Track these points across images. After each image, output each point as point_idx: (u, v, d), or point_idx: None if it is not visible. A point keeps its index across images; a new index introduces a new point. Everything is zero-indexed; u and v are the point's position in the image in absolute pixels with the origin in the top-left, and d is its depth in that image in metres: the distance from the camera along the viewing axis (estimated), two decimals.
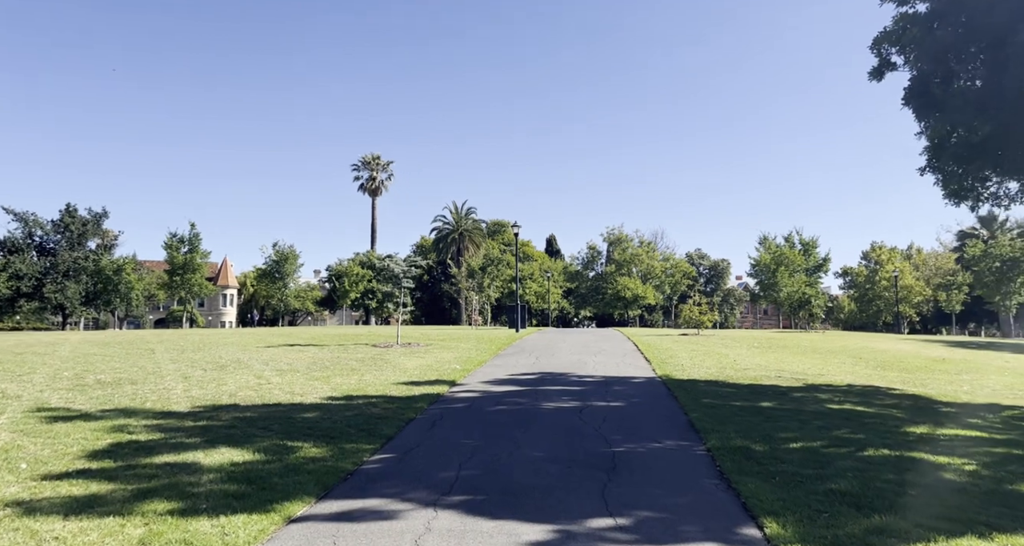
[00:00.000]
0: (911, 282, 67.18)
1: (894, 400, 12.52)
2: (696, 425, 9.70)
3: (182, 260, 52.64)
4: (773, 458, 7.80)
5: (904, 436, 9.21)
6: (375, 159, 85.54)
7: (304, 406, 10.76)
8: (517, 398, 12.06)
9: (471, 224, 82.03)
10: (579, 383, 13.94)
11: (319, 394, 11.83)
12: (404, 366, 16.06)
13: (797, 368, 16.91)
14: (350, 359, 17.33)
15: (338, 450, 8.00)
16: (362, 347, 20.88)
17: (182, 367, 15.21)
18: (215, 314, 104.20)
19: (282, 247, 60.10)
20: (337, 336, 26.93)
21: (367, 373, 14.65)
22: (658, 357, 18.52)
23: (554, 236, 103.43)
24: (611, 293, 68.96)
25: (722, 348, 22.16)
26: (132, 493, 6.10)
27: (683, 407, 11.16)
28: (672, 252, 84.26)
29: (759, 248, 60.04)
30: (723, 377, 14.78)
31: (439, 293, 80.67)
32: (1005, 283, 53.35)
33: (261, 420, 9.53)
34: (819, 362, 18.78)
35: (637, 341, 24.30)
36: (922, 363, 19.51)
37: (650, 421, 10.23)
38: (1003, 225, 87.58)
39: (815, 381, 14.57)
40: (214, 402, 10.74)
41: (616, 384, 13.80)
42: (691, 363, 17.31)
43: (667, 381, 14.10)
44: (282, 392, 11.90)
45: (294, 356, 17.92)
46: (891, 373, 16.90)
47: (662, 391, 12.99)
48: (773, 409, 11.03)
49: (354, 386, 12.84)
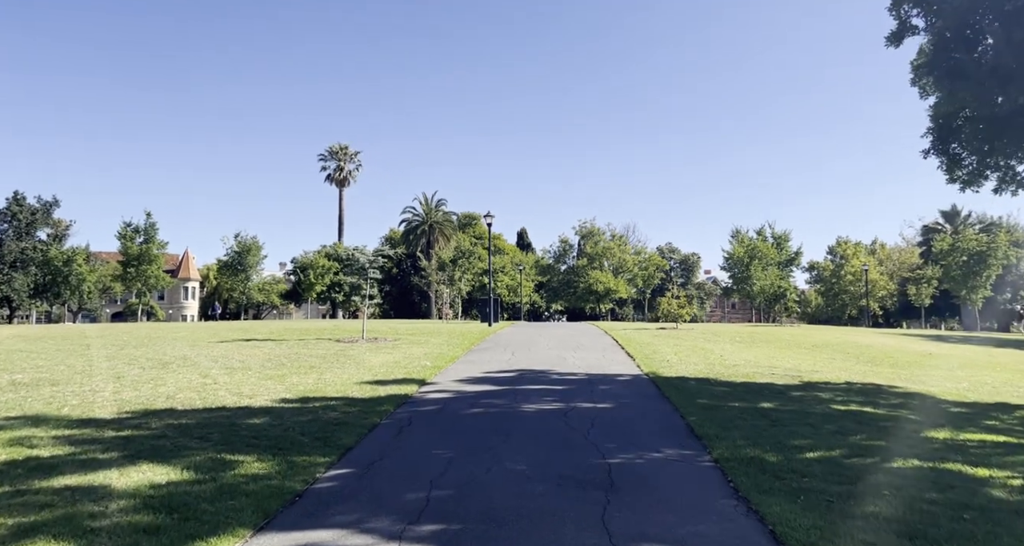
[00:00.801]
0: (876, 276, 67.86)
1: (899, 399, 11.67)
2: (697, 430, 8.65)
3: (137, 251, 50.05)
4: (792, 471, 6.78)
5: (928, 443, 8.28)
6: (343, 149, 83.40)
7: (252, 410, 9.44)
8: (494, 399, 10.90)
9: (441, 216, 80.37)
10: (561, 381, 12.83)
11: (271, 396, 10.50)
12: (369, 363, 14.76)
13: (788, 365, 16.05)
14: (310, 355, 15.96)
15: (286, 465, 6.75)
16: (324, 342, 19.47)
17: (118, 365, 13.68)
18: (176, 307, 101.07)
19: (244, 238, 57.77)
20: (299, 330, 25.42)
21: (327, 371, 13.32)
22: (641, 352, 17.52)
23: (525, 229, 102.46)
24: (583, 287, 68.20)
25: (705, 343, 21.28)
26: (10, 531, 4.77)
27: (678, 409, 10.11)
28: (644, 246, 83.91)
29: (732, 241, 59.71)
30: (714, 374, 13.80)
31: (408, 286, 79.01)
32: (972, 277, 53.85)
33: (199, 428, 8.20)
34: (808, 358, 17.99)
35: (616, 335, 23.32)
36: (911, 358, 18.87)
37: (645, 426, 9.15)
38: (966, 220, 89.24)
39: (811, 378, 13.68)
40: (146, 406, 9.34)
41: (601, 382, 12.71)
42: (677, 359, 16.33)
43: (655, 379, 13.07)
44: (229, 393, 10.54)
45: (248, 352, 16.46)
46: (884, 369, 16.15)
47: (652, 390, 11.95)
48: (776, 411, 10.05)
49: (312, 386, 11.53)
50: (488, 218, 31.79)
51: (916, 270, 62.96)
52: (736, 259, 56.87)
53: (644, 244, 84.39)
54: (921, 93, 13.39)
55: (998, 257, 53.32)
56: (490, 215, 31.64)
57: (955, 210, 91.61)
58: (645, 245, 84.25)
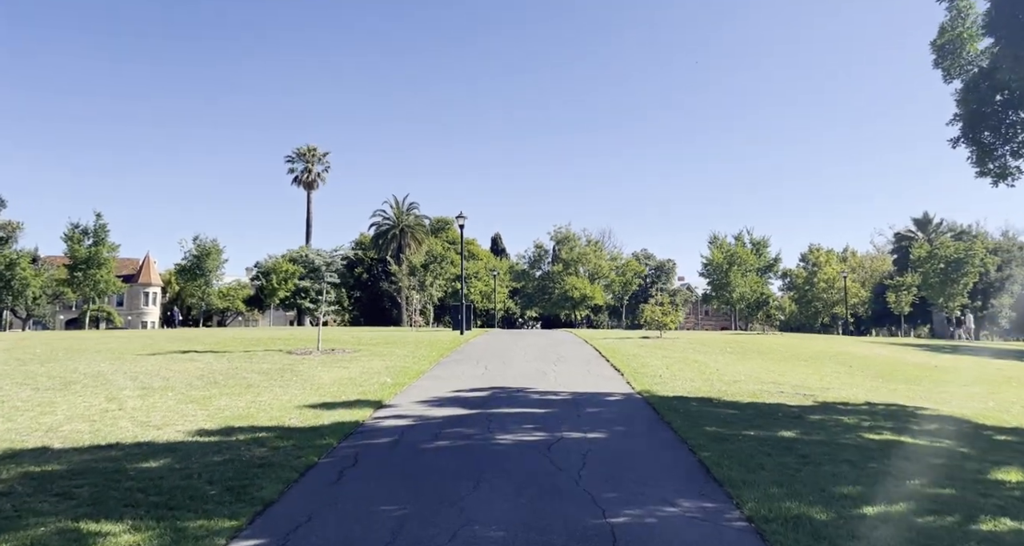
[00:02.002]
0: (848, 284, 67.70)
1: (933, 424, 10.08)
2: (715, 472, 6.91)
3: (85, 254, 46.96)
4: (854, 537, 5.06)
5: (1002, 488, 6.64)
6: (311, 151, 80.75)
7: (154, 448, 7.45)
8: (463, 427, 9.04)
9: (413, 220, 78.15)
10: (542, 403, 11.02)
11: (186, 426, 8.51)
12: (319, 380, 12.78)
13: (793, 380, 14.45)
14: (251, 371, 13.91)
15: (171, 537, 4.84)
16: (274, 354, 17.39)
17: (5, 386, 11.48)
18: (136, 314, 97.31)
19: (203, 241, 54.83)
20: (250, 340, 23.24)
21: (266, 391, 11.31)
22: (629, 366, 15.80)
23: (499, 235, 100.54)
24: (558, 293, 66.50)
25: (695, 354, 19.67)
26: None
27: (685, 440, 8.37)
28: (619, 251, 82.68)
29: (711, 247, 58.57)
30: (715, 393, 12.10)
31: (379, 292, 76.65)
32: (949, 284, 53.40)
33: (67, 477, 6.21)
34: (810, 371, 16.43)
35: (598, 345, 21.60)
36: (919, 372, 17.45)
37: (649, 464, 7.39)
38: (938, 227, 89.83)
39: (824, 398, 12.05)
40: (10, 446, 7.29)
41: (589, 404, 10.92)
42: (669, 374, 14.63)
43: (650, 399, 11.33)
44: (132, 424, 8.52)
45: (180, 367, 14.33)
46: (897, 385, 14.65)
47: (648, 414, 10.20)
48: (802, 443, 8.36)
49: (241, 411, 9.54)
50: (460, 219, 29.93)
51: (895, 277, 62.48)
52: (715, 265, 55.65)
53: (620, 250, 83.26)
54: (945, 76, 11.96)
55: (975, 264, 52.97)
56: (462, 216, 29.79)
57: (927, 218, 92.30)
58: (621, 251, 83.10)
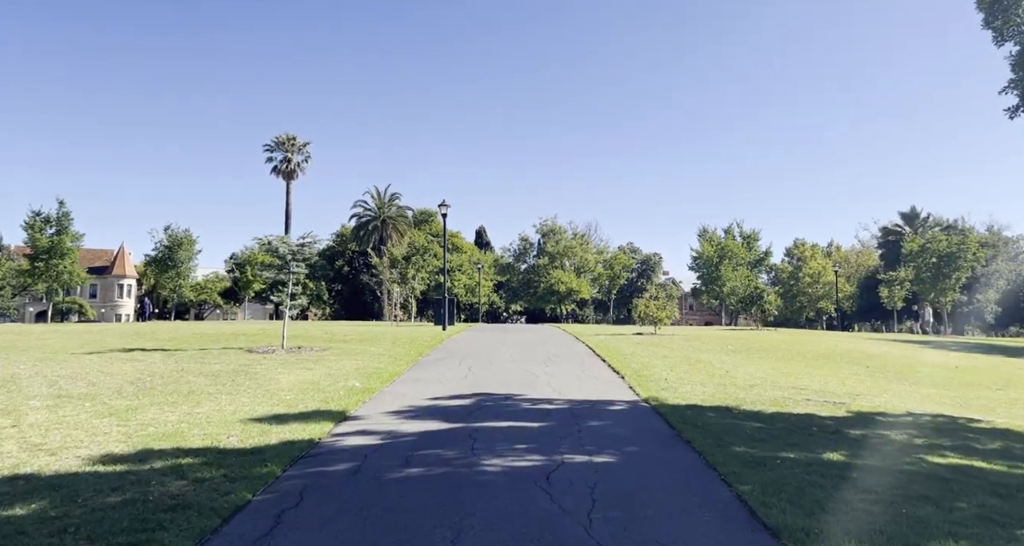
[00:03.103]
0: (833, 279, 67.12)
1: (997, 442, 8.58)
2: (761, 514, 5.33)
3: (47, 243, 44.53)
4: None
5: None
6: (290, 140, 78.37)
7: (34, 483, 5.72)
8: (441, 449, 7.39)
9: (395, 211, 76.04)
10: (535, 414, 9.38)
11: (90, 449, 6.77)
12: (275, 385, 11.04)
13: (813, 384, 12.94)
14: (199, 373, 12.12)
15: None
16: (231, 353, 15.59)
17: None
18: (110, 306, 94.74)
19: (175, 231, 52.40)
20: (213, 335, 21.39)
21: (208, 400, 9.56)
22: (628, 367, 14.22)
23: (484, 228, 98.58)
24: (544, 287, 64.96)
25: (696, 352, 18.14)
26: None
27: (714, 466, 6.79)
28: (606, 245, 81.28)
29: (700, 240, 57.18)
30: (733, 401, 10.54)
31: (360, 285, 74.56)
32: (941, 279, 52.50)
33: None
34: (827, 373, 14.95)
35: (590, 342, 20.02)
36: (941, 373, 16.05)
37: (675, 503, 5.78)
38: (925, 222, 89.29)
39: (859, 407, 10.53)
40: None
41: (590, 415, 9.31)
42: (675, 377, 13.06)
43: (660, 408, 9.74)
44: (20, 446, 6.77)
45: (116, 369, 12.48)
46: (927, 389, 13.22)
47: (662, 428, 8.61)
48: (855, 469, 6.81)
49: (170, 428, 7.81)
50: (443, 208, 28.15)
51: (887, 272, 61.57)
52: (705, 259, 54.26)
53: (606, 243, 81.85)
54: (996, 38, 10.54)
55: (968, 259, 52.08)
56: (445, 204, 28.02)
57: (914, 212, 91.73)
58: (607, 244, 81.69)
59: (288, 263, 15.93)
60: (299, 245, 16.07)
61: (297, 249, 16.00)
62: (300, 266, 16.35)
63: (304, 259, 16.26)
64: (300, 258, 16.12)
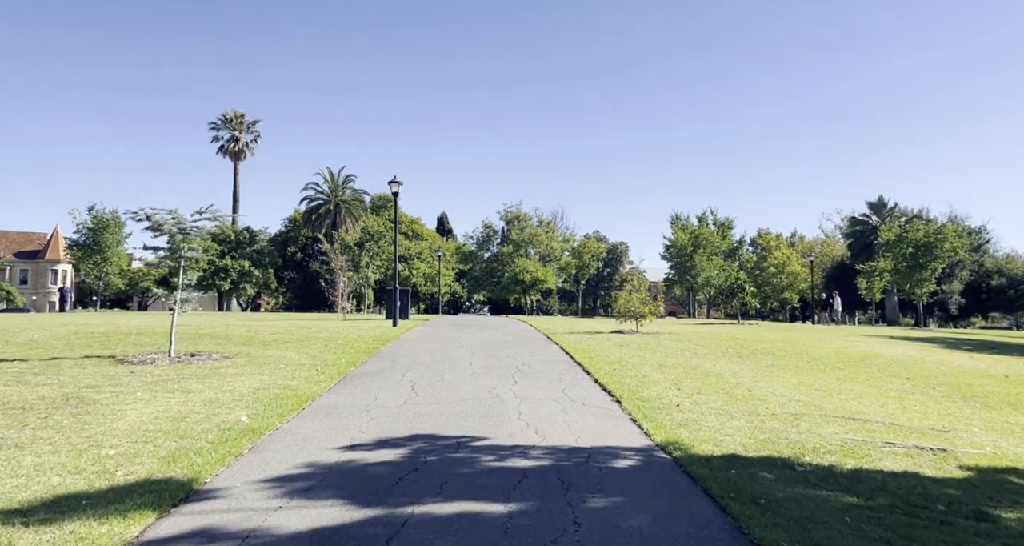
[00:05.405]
0: (798, 269, 65.51)
1: None
2: None
3: None
4: None
5: None
6: (238, 117, 73.13)
7: None
8: None
9: (350, 194, 71.57)
10: (503, 482, 5.96)
11: None
12: (111, 425, 7.40)
13: (872, 411, 9.78)
14: (4, 404, 8.38)
15: None
16: (92, 363, 11.80)
17: None
18: (42, 293, 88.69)
19: (101, 212, 47.29)
20: (94, 334, 17.44)
21: None
22: (622, 384, 10.93)
23: (446, 214, 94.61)
24: (508, 276, 61.53)
25: (695, 358, 14.98)
26: None
27: None
28: (572, 233, 78.17)
29: (673, 227, 54.35)
30: (786, 447, 7.28)
31: (313, 274, 70.11)
32: (918, 270, 50.72)
33: None
34: (872, 391, 11.84)
35: (564, 344, 16.72)
36: (1002, 388, 13.19)
37: None
38: (892, 212, 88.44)
39: (969, 457, 7.36)
40: None
41: (588, 484, 5.92)
42: (688, 400, 9.79)
43: (687, 463, 6.45)
44: None
45: None
46: (1007, 413, 10.28)
47: (704, 510, 5.28)
48: None
49: None
50: (394, 185, 24.38)
51: (857, 262, 59.90)
52: (679, 247, 51.45)
53: (573, 232, 78.74)
54: None
55: (945, 249, 50.35)
56: (396, 181, 24.26)
57: (882, 201, 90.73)
58: (574, 233, 78.62)
59: (178, 245, 12.20)
60: (193, 223, 12.33)
61: (191, 227, 12.26)
62: (196, 251, 12.60)
63: (204, 238, 12.51)
64: (196, 236, 12.34)
